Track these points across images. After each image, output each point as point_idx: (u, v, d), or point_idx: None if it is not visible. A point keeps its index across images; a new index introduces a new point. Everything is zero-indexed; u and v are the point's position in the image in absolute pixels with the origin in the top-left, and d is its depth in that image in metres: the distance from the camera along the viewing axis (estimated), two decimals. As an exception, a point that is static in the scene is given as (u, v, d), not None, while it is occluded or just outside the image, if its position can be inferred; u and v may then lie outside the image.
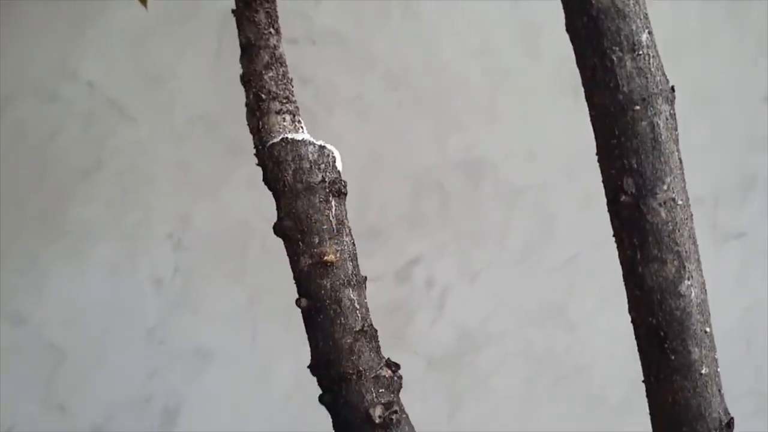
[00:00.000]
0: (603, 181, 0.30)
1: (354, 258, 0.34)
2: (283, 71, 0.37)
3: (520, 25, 0.82)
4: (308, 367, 0.33)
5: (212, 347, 0.80)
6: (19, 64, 0.78)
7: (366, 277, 0.34)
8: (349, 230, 0.34)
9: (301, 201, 0.33)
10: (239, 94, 0.43)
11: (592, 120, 0.30)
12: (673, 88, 0.29)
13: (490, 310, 0.85)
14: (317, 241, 0.33)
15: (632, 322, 0.31)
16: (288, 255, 0.34)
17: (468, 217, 0.84)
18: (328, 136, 0.81)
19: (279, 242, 0.41)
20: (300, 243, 0.33)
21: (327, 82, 0.82)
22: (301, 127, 0.36)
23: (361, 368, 0.32)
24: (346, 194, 0.34)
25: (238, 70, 0.46)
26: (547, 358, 0.86)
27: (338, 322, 0.32)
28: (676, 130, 0.29)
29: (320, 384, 0.33)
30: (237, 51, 0.41)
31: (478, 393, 0.85)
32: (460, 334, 0.84)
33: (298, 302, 0.33)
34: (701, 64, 0.86)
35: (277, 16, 0.37)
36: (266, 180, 0.35)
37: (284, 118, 0.36)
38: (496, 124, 0.83)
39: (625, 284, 0.30)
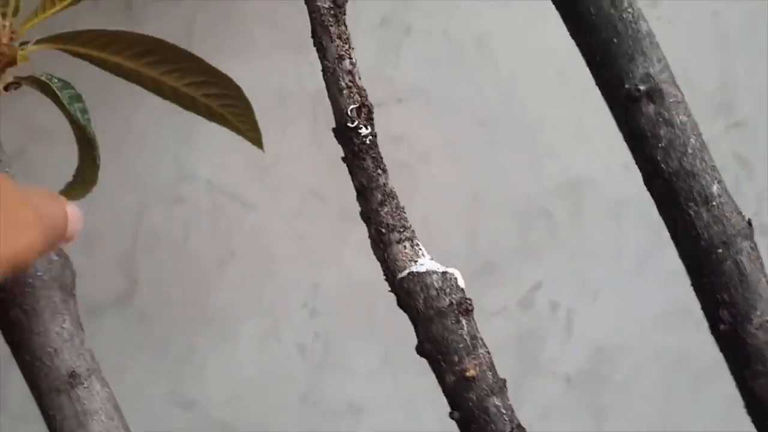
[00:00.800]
0: (702, 309, 0.34)
1: (492, 367, 0.38)
2: (395, 204, 0.41)
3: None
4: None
5: (361, 403, 0.86)
6: (144, 175, 0.87)
7: (505, 380, 0.39)
8: (482, 342, 0.38)
9: (436, 325, 0.38)
10: (341, 164, 0.47)
11: (681, 259, 0.33)
12: (750, 222, 0.32)
13: (618, 322, 0.87)
14: (457, 359, 0.38)
15: (752, 422, 0.34)
16: (434, 372, 0.39)
17: (579, 237, 0.86)
18: (428, 186, 0.85)
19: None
20: (442, 363, 0.38)
21: (418, 135, 0.86)
22: (421, 250, 0.41)
23: (516, 465, 0.37)
24: (473, 310, 0.39)
25: (335, 142, 0.51)
26: (682, 360, 0.87)
27: (489, 428, 0.37)
28: (759, 259, 0.32)
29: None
30: (331, 124, 0.45)
31: (620, 403, 0.88)
32: (592, 350, 0.87)
33: (451, 415, 0.38)
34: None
35: (381, 158, 0.41)
36: (400, 305, 0.40)
37: (405, 246, 0.40)
38: (586, 142, 0.85)
39: (740, 392, 0.33)
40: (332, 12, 0.41)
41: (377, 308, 0.86)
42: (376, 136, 0.42)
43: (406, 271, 0.39)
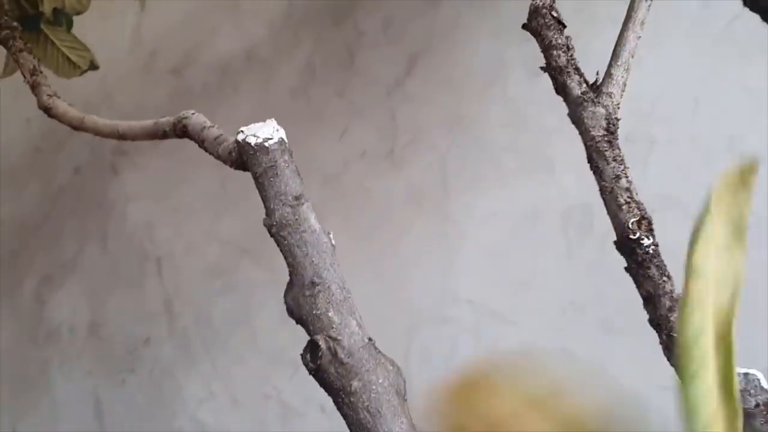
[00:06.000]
0: None
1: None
2: (684, 309, 0.43)
3: None
4: None
5: None
6: (413, 298, 0.95)
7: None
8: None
9: (745, 428, 0.38)
10: (597, 278, 0.49)
11: None
12: None
13: None
14: (770, 462, 0.38)
15: None
16: (747, 476, 0.39)
17: None
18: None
19: None
20: (755, 466, 0.38)
21: (677, 246, 0.86)
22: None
23: None
24: (783, 409, 0.39)
25: (589, 257, 0.52)
26: None
27: None
28: None
29: None
30: (582, 239, 0.48)
31: None
32: None
33: None
34: None
35: (665, 266, 0.44)
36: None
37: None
38: None
39: None
40: (606, 138, 0.46)
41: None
42: (658, 246, 0.44)
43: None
